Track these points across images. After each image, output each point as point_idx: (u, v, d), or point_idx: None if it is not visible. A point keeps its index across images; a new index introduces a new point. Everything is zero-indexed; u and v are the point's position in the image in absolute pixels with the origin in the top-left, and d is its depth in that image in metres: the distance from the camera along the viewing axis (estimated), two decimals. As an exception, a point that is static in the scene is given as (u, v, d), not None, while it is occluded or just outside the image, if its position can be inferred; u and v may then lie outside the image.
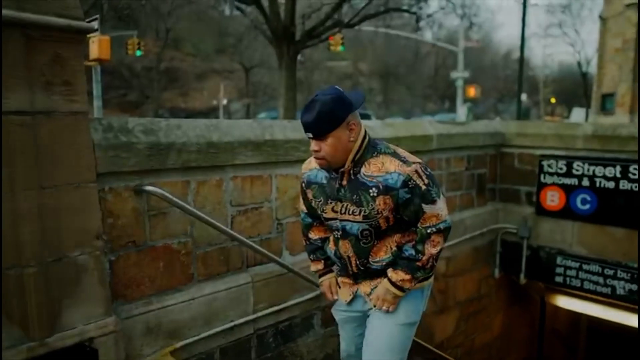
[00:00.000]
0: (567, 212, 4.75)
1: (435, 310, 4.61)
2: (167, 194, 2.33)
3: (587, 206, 4.61)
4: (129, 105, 28.46)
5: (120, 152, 2.21)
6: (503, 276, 5.37)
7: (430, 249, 1.86)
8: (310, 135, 1.77)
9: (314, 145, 1.80)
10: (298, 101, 11.74)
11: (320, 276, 2.24)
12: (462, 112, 21.94)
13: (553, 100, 37.46)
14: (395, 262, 1.93)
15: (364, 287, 2.03)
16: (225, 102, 31.45)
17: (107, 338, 2.11)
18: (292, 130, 3.03)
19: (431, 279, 2.07)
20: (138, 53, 16.80)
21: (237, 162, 2.68)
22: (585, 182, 4.60)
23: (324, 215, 1.97)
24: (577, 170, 4.65)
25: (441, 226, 1.86)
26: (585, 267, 4.66)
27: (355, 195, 1.84)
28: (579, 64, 31.01)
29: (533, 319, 6.08)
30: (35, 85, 1.87)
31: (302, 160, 3.12)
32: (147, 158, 2.31)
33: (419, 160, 1.84)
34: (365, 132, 1.86)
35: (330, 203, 1.92)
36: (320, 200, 1.96)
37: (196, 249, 2.60)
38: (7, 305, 1.85)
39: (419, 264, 1.87)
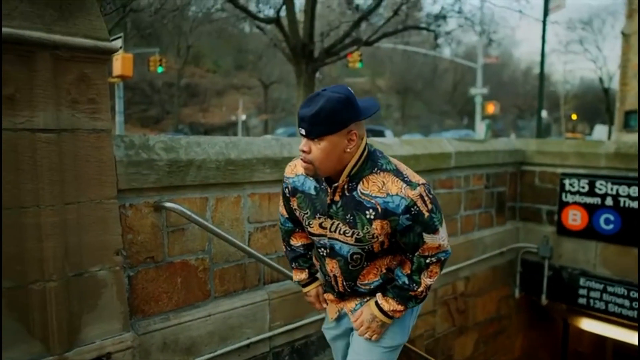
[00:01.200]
0: (590, 232, 4.65)
1: (453, 330, 4.52)
2: (186, 210, 2.35)
3: (611, 226, 4.51)
4: (149, 120, 29.01)
5: (141, 168, 2.25)
6: (524, 297, 5.25)
7: (427, 280, 1.70)
8: (303, 132, 1.52)
9: (303, 145, 1.56)
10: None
11: (304, 286, 2.05)
12: (480, 128, 21.77)
13: (574, 116, 36.94)
14: (384, 285, 1.78)
15: (349, 304, 1.88)
16: (243, 117, 31.82)
17: (125, 353, 2.12)
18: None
19: None
20: (160, 69, 17.17)
21: (255, 179, 2.70)
22: (609, 202, 4.50)
23: (310, 229, 1.76)
24: (600, 189, 4.56)
25: (442, 257, 1.69)
26: (610, 289, 4.53)
27: (349, 215, 1.63)
28: (600, 80, 30.61)
29: (555, 341, 5.91)
30: (62, 103, 1.93)
31: (320, 178, 3.14)
32: (167, 175, 2.34)
33: (423, 181, 1.62)
34: (366, 145, 1.64)
35: (319, 218, 1.70)
36: (307, 213, 1.73)
37: (213, 266, 2.61)
38: (29, 319, 1.88)
39: (412, 293, 1.72)
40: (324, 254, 1.77)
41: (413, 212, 1.57)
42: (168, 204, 2.33)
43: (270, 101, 33.51)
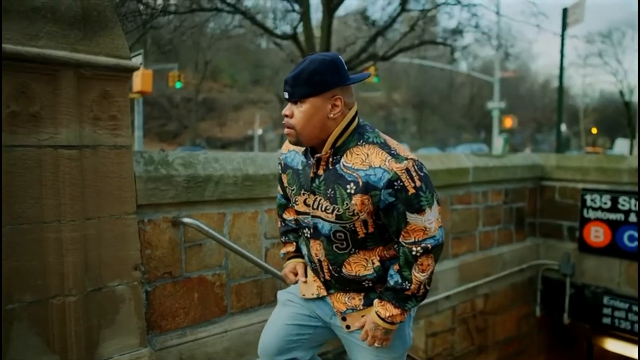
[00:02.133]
0: (613, 249, 4.53)
1: (472, 349, 4.43)
2: (204, 226, 2.36)
3: (635, 243, 4.39)
4: (167, 135, 29.44)
5: (160, 184, 2.27)
6: (545, 315, 5.13)
7: (419, 275, 1.50)
8: (286, 95, 1.47)
9: (286, 109, 1.49)
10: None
11: (288, 260, 1.88)
12: (498, 142, 21.56)
13: (594, 130, 36.39)
14: (380, 279, 1.59)
15: (338, 303, 1.67)
16: (260, 131, 32.09)
17: (142, 369, 2.13)
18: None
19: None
20: (178, 85, 17.45)
21: (272, 195, 2.71)
22: (633, 218, 4.39)
23: (296, 207, 1.63)
24: (623, 205, 4.45)
25: (429, 244, 1.48)
26: (635, 308, 4.40)
27: (330, 189, 1.50)
28: (621, 93, 30.16)
29: (578, 361, 5.74)
30: (84, 120, 1.97)
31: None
32: (186, 190, 2.36)
33: (413, 157, 1.47)
34: (356, 117, 1.52)
35: (303, 194, 1.58)
36: (293, 189, 1.62)
37: (230, 281, 2.61)
38: (49, 334, 1.90)
39: (407, 293, 1.53)
40: (308, 235, 1.63)
41: (396, 187, 1.42)
42: (186, 220, 2.34)
43: (287, 115, 33.63)
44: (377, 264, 1.57)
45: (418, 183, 1.43)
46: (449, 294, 4.06)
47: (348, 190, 1.46)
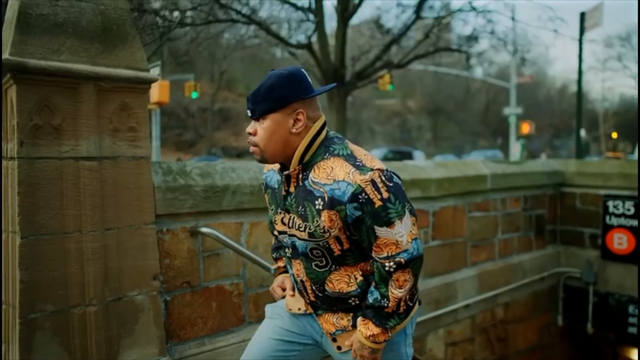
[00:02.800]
0: (638, 256, 4.42)
1: (493, 359, 4.35)
2: (221, 236, 2.37)
3: (660, 251, 4.28)
4: (184, 144, 29.78)
5: (178, 194, 2.29)
6: (567, 325, 5.02)
7: (396, 292, 1.41)
8: (249, 113, 1.46)
9: (249, 127, 1.47)
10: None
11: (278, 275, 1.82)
12: (515, 149, 21.29)
13: (615, 135, 35.73)
14: (363, 295, 1.51)
15: (327, 324, 1.58)
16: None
17: (161, 379, 2.13)
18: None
19: (415, 308, 1.59)
20: (194, 95, 17.67)
21: (289, 204, 2.71)
22: (657, 225, 4.28)
23: (276, 227, 1.59)
24: (647, 211, 4.35)
25: (402, 258, 1.38)
26: (661, 317, 4.28)
27: (301, 207, 1.45)
28: (641, 97, 29.58)
29: (603, 372, 5.60)
30: (104, 132, 2.00)
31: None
32: (203, 200, 2.38)
33: (381, 167, 1.40)
34: (323, 129, 1.47)
35: (280, 213, 1.54)
36: (272, 209, 1.59)
37: (248, 291, 2.61)
38: (70, 343, 1.92)
39: (387, 310, 1.44)
40: (289, 255, 1.58)
41: (361, 201, 1.35)
42: (204, 229, 2.35)
43: (302, 124, 33.77)
44: (360, 279, 1.49)
45: (385, 194, 1.36)
46: (468, 303, 4.00)
47: (317, 207, 1.41)
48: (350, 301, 1.52)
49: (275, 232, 1.65)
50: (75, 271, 1.92)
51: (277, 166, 1.58)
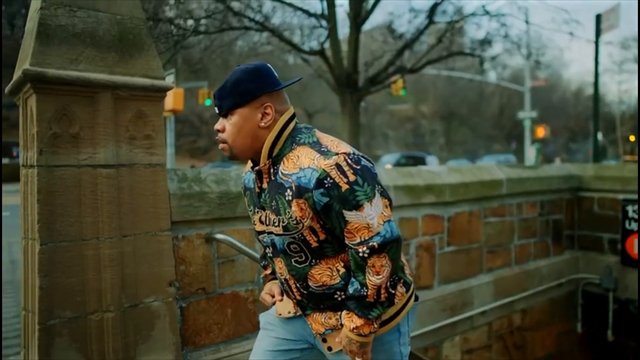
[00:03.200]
0: (658, 263, 4.33)
1: (510, 367, 4.28)
2: (236, 242, 2.38)
3: (682, 256, 4.18)
4: (198, 151, 30.04)
5: (193, 201, 2.31)
6: (586, 332, 4.92)
7: (374, 279, 1.36)
8: (216, 109, 1.45)
9: (217, 124, 1.46)
10: (360, 145, 11.85)
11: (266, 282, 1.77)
12: (530, 153, 21.06)
13: (632, 138, 35.12)
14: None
15: (316, 324, 1.53)
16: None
17: (177, 385, 2.14)
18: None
19: (409, 304, 1.54)
20: (208, 102, 17.81)
21: (303, 210, 2.71)
22: (679, 230, 4.19)
23: (255, 228, 1.56)
24: (668, 216, 4.26)
25: (375, 242, 1.32)
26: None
27: (273, 201, 1.42)
28: (659, 99, 29.06)
29: (624, 381, 5.47)
30: (121, 140, 2.03)
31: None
32: (218, 207, 2.39)
33: (347, 150, 1.36)
34: (291, 122, 1.45)
35: (257, 212, 1.51)
36: (251, 210, 1.56)
37: (263, 297, 2.61)
38: (88, 350, 1.93)
39: (368, 300, 1.38)
40: (271, 255, 1.55)
41: (327, 186, 1.31)
42: (219, 236, 2.36)
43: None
44: (342, 270, 1.44)
45: (352, 177, 1.31)
46: (485, 309, 3.95)
47: (287, 198, 1.38)
48: (335, 296, 1.46)
49: (257, 236, 1.61)
50: (92, 278, 1.94)
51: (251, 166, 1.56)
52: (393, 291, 1.42)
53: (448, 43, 10.44)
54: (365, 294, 1.37)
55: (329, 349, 1.53)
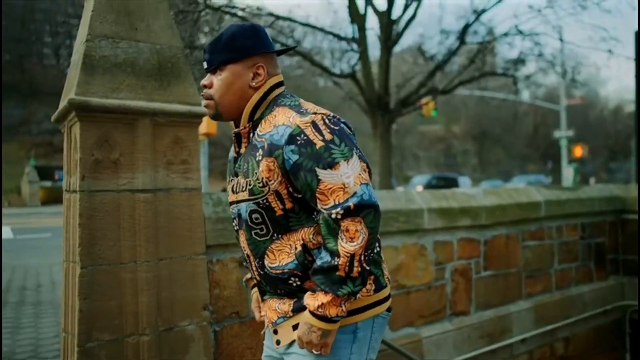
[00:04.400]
0: None
1: (554, 399, 4.07)
2: (270, 266, 2.37)
3: None
4: (230, 173, 30.55)
5: (227, 224, 2.32)
6: (636, 363, 4.64)
7: (346, 245, 1.19)
8: (205, 64, 1.38)
9: (204, 80, 1.39)
10: (392, 166, 11.79)
11: (252, 288, 1.63)
12: (568, 173, 20.44)
13: (677, 157, 33.59)
14: (303, 272, 1.29)
15: (270, 312, 1.41)
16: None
17: (210, 411, 2.12)
18: (391, 200, 3.00)
19: (377, 309, 1.36)
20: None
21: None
22: None
23: (229, 199, 1.44)
24: None
25: (351, 203, 1.18)
26: None
27: (245, 164, 1.34)
28: None
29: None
30: (158, 165, 2.07)
31: (403, 232, 3.07)
32: (252, 230, 2.40)
33: (327, 112, 1.29)
34: (278, 87, 1.39)
35: (231, 181, 1.41)
36: (228, 181, 1.46)
37: (295, 321, 2.58)
38: (123, 373, 1.95)
39: (339, 273, 1.20)
40: (236, 227, 1.43)
41: (299, 142, 1.21)
42: (252, 259, 2.37)
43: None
44: (299, 249, 1.29)
45: (328, 136, 1.22)
46: (525, 337, 3.79)
47: (257, 158, 1.29)
48: (290, 281, 1.32)
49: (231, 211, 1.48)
50: (130, 301, 1.97)
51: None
52: (367, 267, 1.23)
53: (480, 63, 10.36)
54: (336, 263, 1.20)
55: (277, 342, 1.39)
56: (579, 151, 22.46)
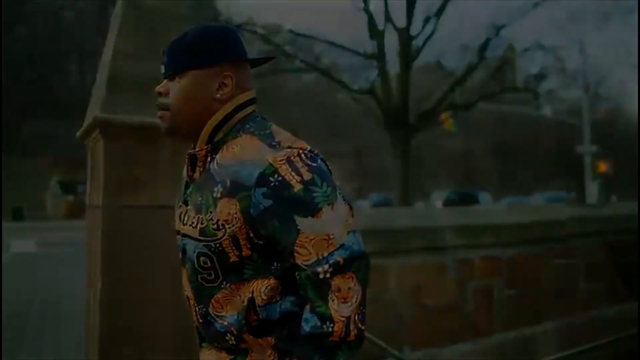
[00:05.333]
0: None
1: None
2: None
3: None
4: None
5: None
6: (668, 388, 4.45)
7: (341, 309, 0.99)
8: (162, 69, 1.15)
9: (159, 86, 1.14)
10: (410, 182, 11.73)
11: None
12: (593, 189, 20.00)
13: None
14: (239, 332, 1.06)
15: None
16: (337, 183, 32.54)
17: None
18: (411, 218, 2.97)
19: None
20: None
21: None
22: None
23: (175, 227, 1.20)
24: None
25: (339, 258, 0.98)
26: None
27: (199, 196, 1.10)
28: None
29: None
30: (179, 180, 2.09)
31: (423, 249, 3.03)
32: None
33: (303, 146, 1.07)
34: (248, 106, 1.14)
35: (180, 207, 1.17)
36: (176, 203, 1.24)
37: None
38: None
39: (333, 339, 0.98)
40: (181, 258, 1.20)
41: (273, 184, 1.00)
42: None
43: (362, 165, 34.07)
44: (245, 303, 1.06)
45: (307, 175, 1.00)
46: (551, 360, 3.68)
47: (214, 194, 1.06)
48: (227, 338, 1.09)
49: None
50: (150, 321, 1.97)
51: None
52: (363, 327, 1.02)
53: (500, 78, 10.30)
54: (329, 330, 0.98)
55: None
56: (603, 167, 21.99)
